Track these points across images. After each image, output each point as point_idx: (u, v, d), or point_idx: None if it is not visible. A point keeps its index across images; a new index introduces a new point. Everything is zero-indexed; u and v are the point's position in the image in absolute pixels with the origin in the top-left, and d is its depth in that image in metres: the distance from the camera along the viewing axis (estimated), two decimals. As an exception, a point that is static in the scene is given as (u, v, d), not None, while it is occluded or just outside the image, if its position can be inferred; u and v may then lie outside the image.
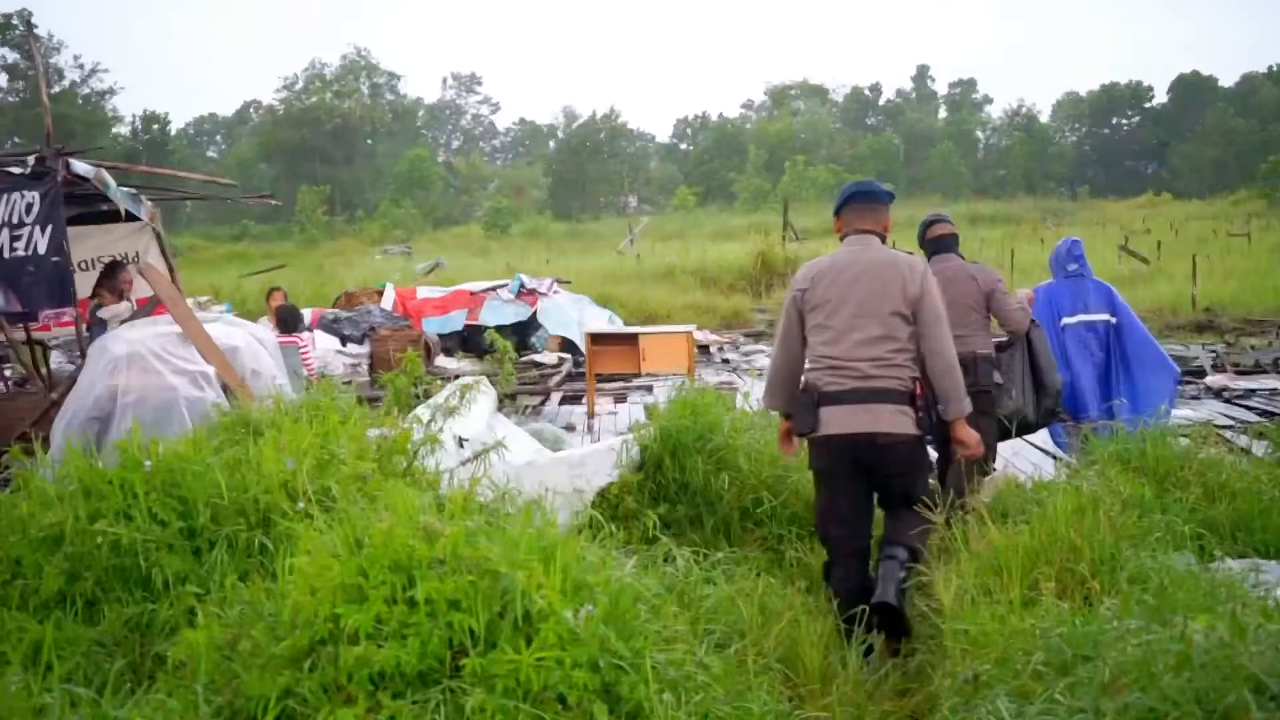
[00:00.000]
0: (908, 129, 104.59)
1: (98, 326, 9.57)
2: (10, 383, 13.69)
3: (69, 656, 3.70)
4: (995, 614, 3.96)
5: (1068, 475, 6.01)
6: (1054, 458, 8.72)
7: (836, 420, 5.07)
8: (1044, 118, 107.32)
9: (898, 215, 6.23)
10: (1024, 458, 8.98)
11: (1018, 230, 47.86)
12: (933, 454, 6.23)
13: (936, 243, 7.13)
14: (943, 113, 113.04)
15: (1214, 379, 14.30)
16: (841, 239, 5.44)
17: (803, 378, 5.35)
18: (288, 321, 11.97)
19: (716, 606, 4.39)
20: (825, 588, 5.19)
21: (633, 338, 12.91)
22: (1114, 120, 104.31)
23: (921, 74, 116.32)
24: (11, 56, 77.08)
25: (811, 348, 5.28)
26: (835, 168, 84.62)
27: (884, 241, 5.44)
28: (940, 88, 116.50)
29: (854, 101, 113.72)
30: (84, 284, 9.99)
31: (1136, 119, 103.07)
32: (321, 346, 16.85)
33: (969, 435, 5.20)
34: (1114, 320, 8.23)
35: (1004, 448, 7.76)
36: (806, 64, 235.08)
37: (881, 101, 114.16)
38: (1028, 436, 8.20)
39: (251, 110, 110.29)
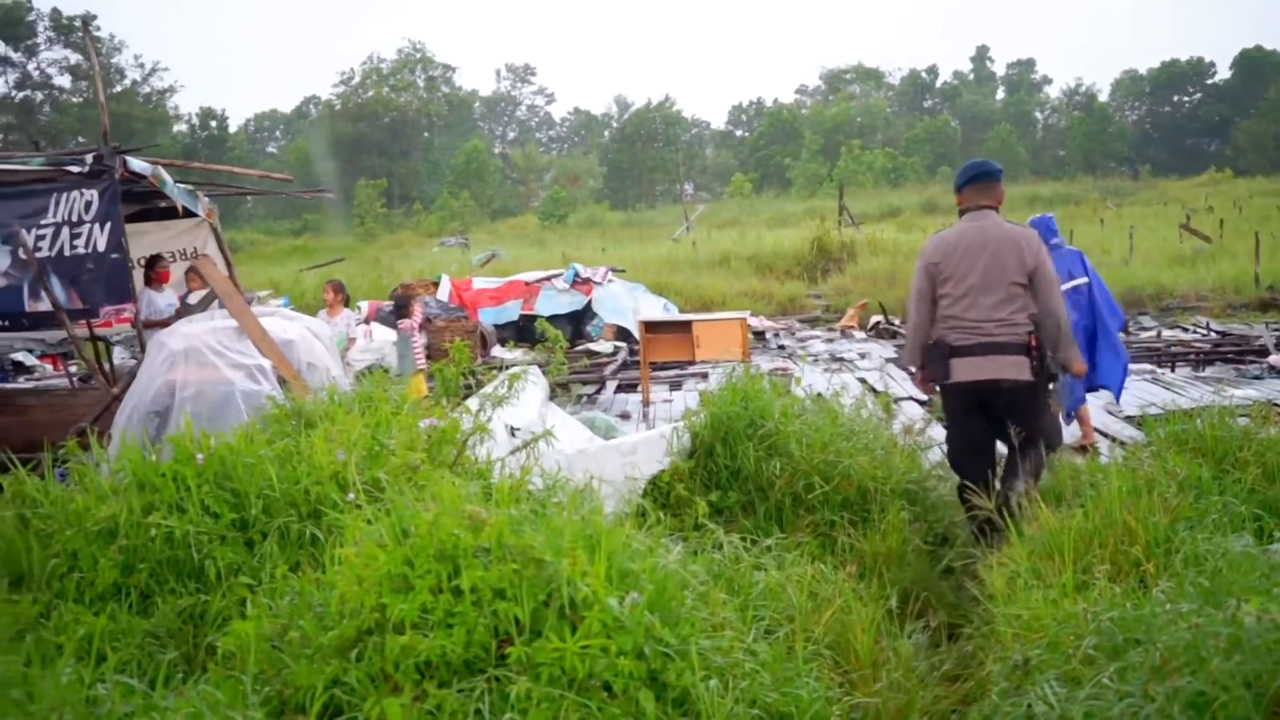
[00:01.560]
0: (965, 111, 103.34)
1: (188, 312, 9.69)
2: (75, 379, 13.95)
3: (123, 648, 3.76)
4: (1047, 598, 3.92)
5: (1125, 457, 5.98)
6: (1110, 439, 8.79)
7: (964, 369, 6.12)
8: (1103, 97, 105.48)
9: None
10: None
11: (1077, 211, 47.18)
12: None
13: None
14: (1000, 94, 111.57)
15: (1276, 358, 14.10)
16: (962, 213, 6.40)
17: (934, 335, 6.31)
18: (400, 308, 11.96)
19: (766, 593, 4.37)
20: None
21: (687, 325, 12.92)
22: (1175, 98, 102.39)
23: (981, 55, 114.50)
24: (75, 58, 78.24)
25: (942, 309, 6.23)
26: (891, 151, 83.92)
27: (998, 212, 6.35)
28: (999, 68, 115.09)
29: (910, 84, 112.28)
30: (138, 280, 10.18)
31: (1198, 96, 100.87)
32: (379, 338, 17.05)
33: (1079, 367, 6.26)
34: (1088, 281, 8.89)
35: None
36: (861, 47, 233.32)
37: (938, 84, 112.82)
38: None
39: (310, 106, 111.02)
